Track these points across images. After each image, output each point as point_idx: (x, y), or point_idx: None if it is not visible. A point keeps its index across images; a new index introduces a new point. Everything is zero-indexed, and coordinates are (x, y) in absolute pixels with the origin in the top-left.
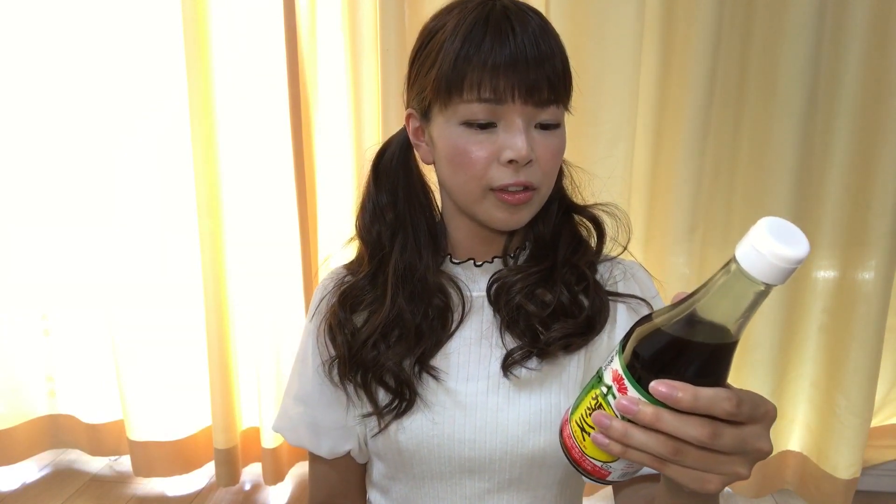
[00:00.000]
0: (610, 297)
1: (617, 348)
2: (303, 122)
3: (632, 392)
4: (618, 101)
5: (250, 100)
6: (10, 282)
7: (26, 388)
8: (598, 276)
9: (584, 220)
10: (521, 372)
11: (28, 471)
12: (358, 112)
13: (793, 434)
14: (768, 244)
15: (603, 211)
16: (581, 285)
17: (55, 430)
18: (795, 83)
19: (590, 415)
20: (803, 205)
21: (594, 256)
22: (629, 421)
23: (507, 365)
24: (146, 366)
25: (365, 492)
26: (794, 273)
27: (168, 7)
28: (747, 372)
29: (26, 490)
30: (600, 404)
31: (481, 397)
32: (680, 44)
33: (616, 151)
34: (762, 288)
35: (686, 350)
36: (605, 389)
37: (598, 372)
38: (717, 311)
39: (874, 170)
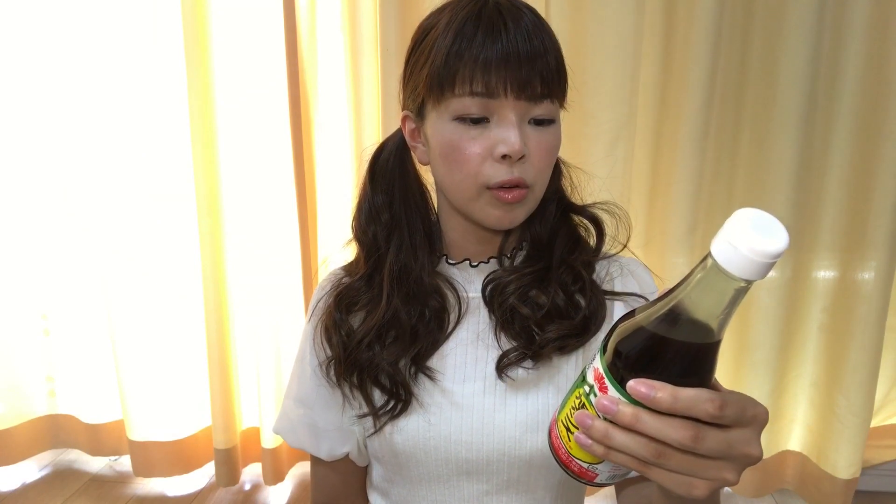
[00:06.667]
0: (607, 296)
1: (600, 346)
2: (303, 122)
3: (612, 392)
4: (618, 101)
5: (250, 99)
6: (10, 282)
7: (26, 388)
8: (595, 275)
9: (584, 219)
10: (516, 373)
11: (28, 471)
12: (358, 112)
13: (793, 434)
14: (744, 238)
15: (602, 210)
16: (577, 285)
17: (55, 430)
18: (795, 83)
19: (574, 414)
20: (803, 205)
21: (592, 255)
22: (611, 422)
23: (502, 367)
24: (146, 366)
25: (367, 494)
26: (773, 267)
27: (168, 7)
28: (747, 372)
29: (26, 490)
30: (583, 404)
31: (477, 398)
32: (680, 44)
33: (616, 151)
34: (741, 284)
35: (666, 348)
36: (587, 389)
37: (583, 370)
38: (697, 307)
39: (874, 170)
